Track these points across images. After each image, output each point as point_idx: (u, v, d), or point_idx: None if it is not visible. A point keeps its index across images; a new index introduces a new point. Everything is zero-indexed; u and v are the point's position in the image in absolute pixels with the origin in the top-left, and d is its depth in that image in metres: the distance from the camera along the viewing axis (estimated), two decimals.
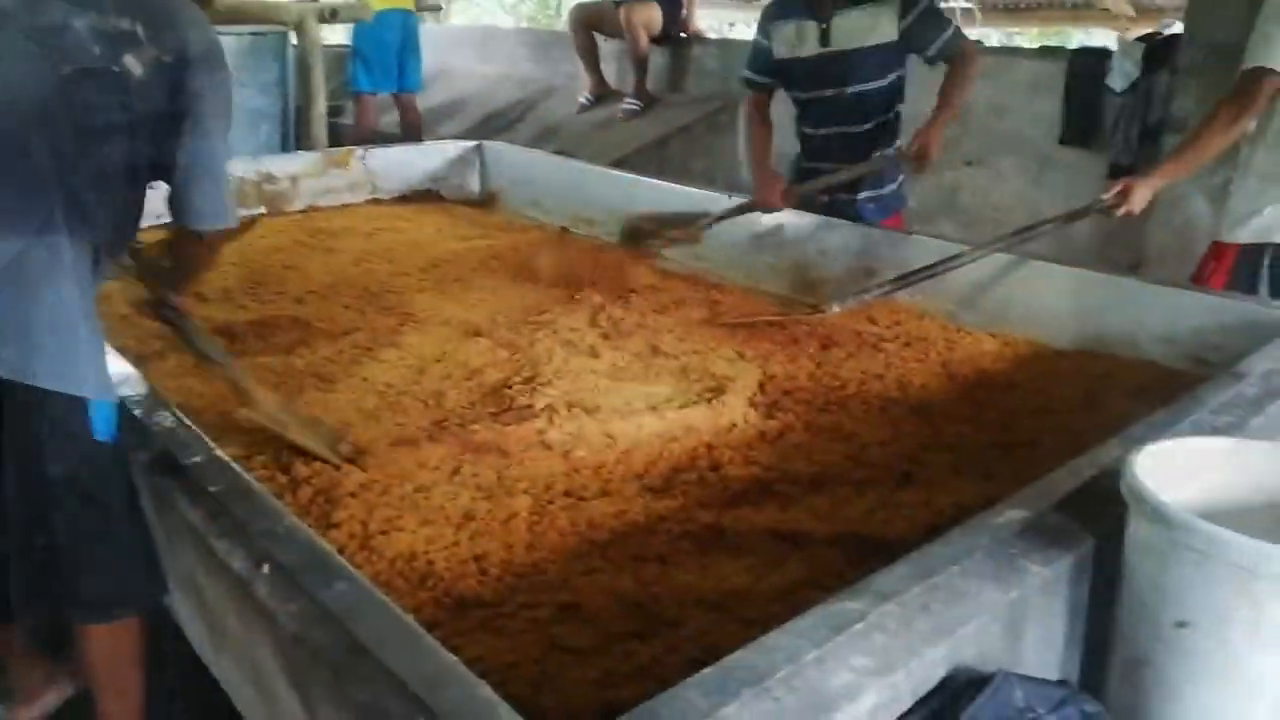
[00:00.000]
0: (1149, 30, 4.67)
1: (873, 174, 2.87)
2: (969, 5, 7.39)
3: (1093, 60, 4.03)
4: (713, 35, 8.26)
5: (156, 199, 1.74)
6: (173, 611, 1.70)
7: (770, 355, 2.45)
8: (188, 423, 1.60)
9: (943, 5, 3.61)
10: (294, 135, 5.87)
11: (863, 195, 2.94)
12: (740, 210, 3.02)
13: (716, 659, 1.23)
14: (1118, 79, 3.87)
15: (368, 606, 1.06)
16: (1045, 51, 4.84)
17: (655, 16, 5.37)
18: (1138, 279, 2.49)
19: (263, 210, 3.92)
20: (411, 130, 5.64)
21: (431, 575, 1.48)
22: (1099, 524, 1.24)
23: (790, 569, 1.51)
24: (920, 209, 4.69)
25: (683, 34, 5.72)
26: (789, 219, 3.11)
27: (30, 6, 1.53)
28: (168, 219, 1.73)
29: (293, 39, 5.45)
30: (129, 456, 1.57)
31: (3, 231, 1.45)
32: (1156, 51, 3.83)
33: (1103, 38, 8.27)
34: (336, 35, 8.09)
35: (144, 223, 1.78)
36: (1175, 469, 1.21)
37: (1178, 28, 4.14)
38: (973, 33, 7.32)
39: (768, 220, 3.14)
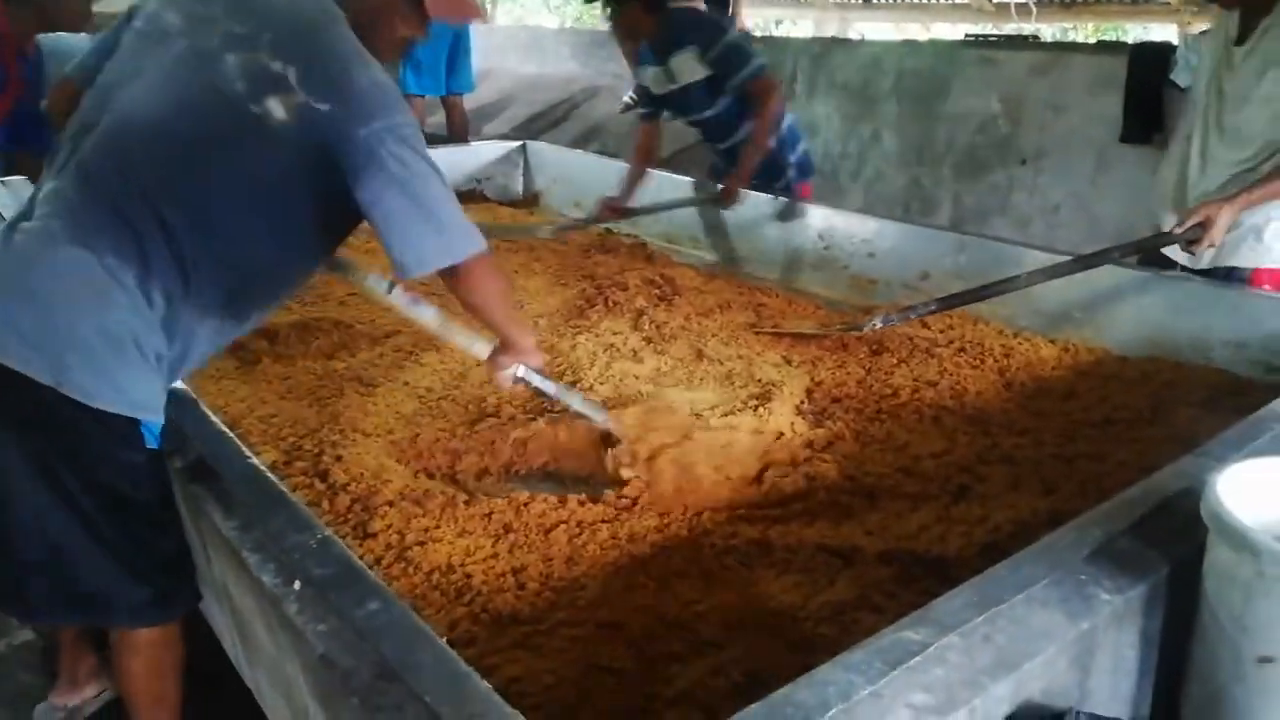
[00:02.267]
0: None
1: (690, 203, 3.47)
2: (1024, 0, 7.19)
3: (1156, 55, 3.89)
4: (759, 33, 8.19)
5: None
6: (208, 618, 1.68)
7: (818, 361, 2.38)
8: (225, 429, 1.58)
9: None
10: None
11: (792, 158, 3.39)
12: (586, 222, 3.62)
13: (762, 684, 1.17)
14: (1183, 74, 3.72)
15: (400, 629, 1.01)
16: (1104, 46, 4.70)
17: None
18: (1205, 281, 2.37)
19: None
20: (458, 131, 5.63)
21: (469, 589, 1.44)
22: (1174, 548, 1.17)
23: (840, 588, 1.45)
24: (972, 210, 4.59)
25: None
26: (840, 221, 3.08)
27: (194, 29, 1.46)
28: None
29: None
30: (167, 462, 1.55)
31: (83, 240, 1.40)
32: None
33: (1162, 32, 8.02)
34: None
35: None
36: (1260, 491, 1.12)
37: None
38: (1027, 27, 7.16)
39: (817, 221, 3.13)
